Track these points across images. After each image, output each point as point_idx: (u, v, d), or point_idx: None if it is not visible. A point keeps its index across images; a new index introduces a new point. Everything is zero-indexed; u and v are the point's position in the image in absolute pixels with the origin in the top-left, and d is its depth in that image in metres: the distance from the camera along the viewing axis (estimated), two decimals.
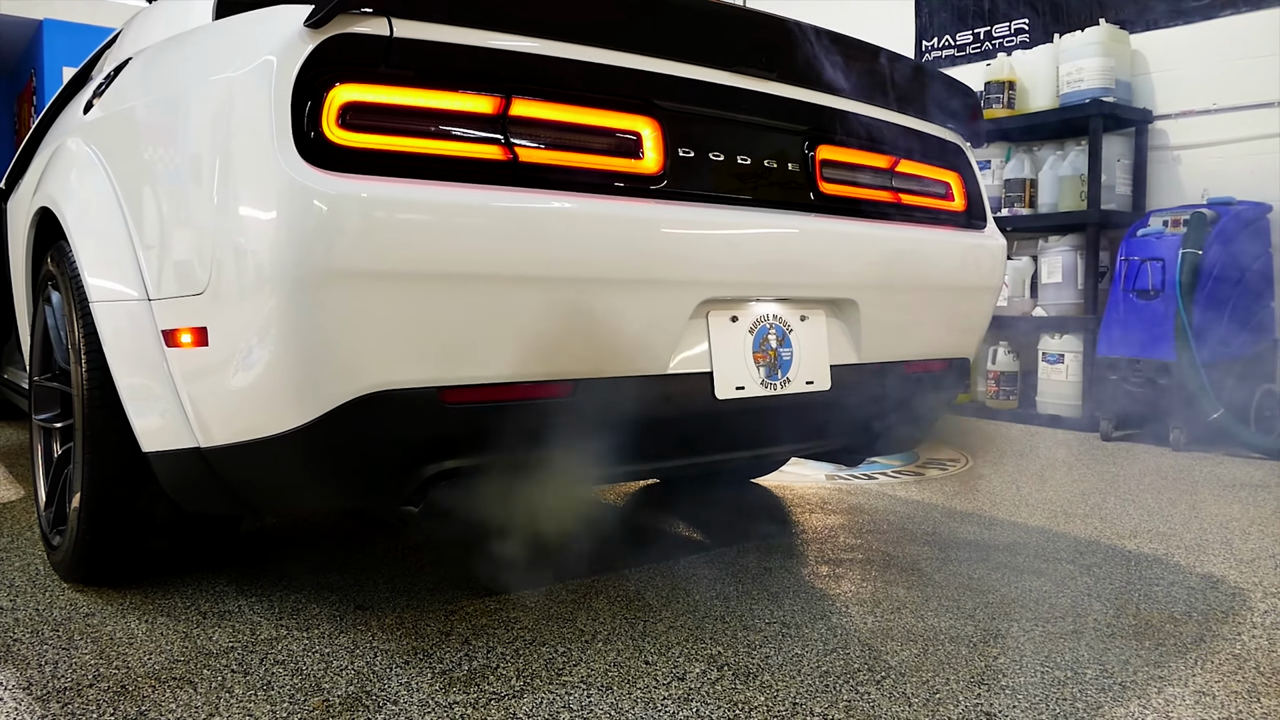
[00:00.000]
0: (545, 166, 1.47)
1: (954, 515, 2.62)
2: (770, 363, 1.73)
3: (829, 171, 1.88)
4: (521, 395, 1.46)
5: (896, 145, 2.03)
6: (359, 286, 1.30)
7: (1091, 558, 2.21)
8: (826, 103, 1.87)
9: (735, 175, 1.70)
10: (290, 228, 1.27)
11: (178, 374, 1.53)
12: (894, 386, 2.00)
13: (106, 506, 1.74)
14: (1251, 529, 2.50)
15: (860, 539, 2.34)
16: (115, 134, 1.73)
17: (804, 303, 1.80)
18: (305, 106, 1.31)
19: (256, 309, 1.33)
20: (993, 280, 2.19)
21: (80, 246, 1.72)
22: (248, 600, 1.83)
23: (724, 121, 1.71)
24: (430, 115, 1.39)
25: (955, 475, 3.21)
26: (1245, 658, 1.62)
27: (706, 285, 1.60)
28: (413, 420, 1.38)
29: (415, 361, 1.36)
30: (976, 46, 5.04)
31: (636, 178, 1.57)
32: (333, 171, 1.30)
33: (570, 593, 1.90)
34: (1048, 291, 4.37)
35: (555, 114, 1.50)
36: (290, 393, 1.36)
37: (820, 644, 1.65)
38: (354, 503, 1.53)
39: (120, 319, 1.62)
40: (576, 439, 1.55)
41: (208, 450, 1.52)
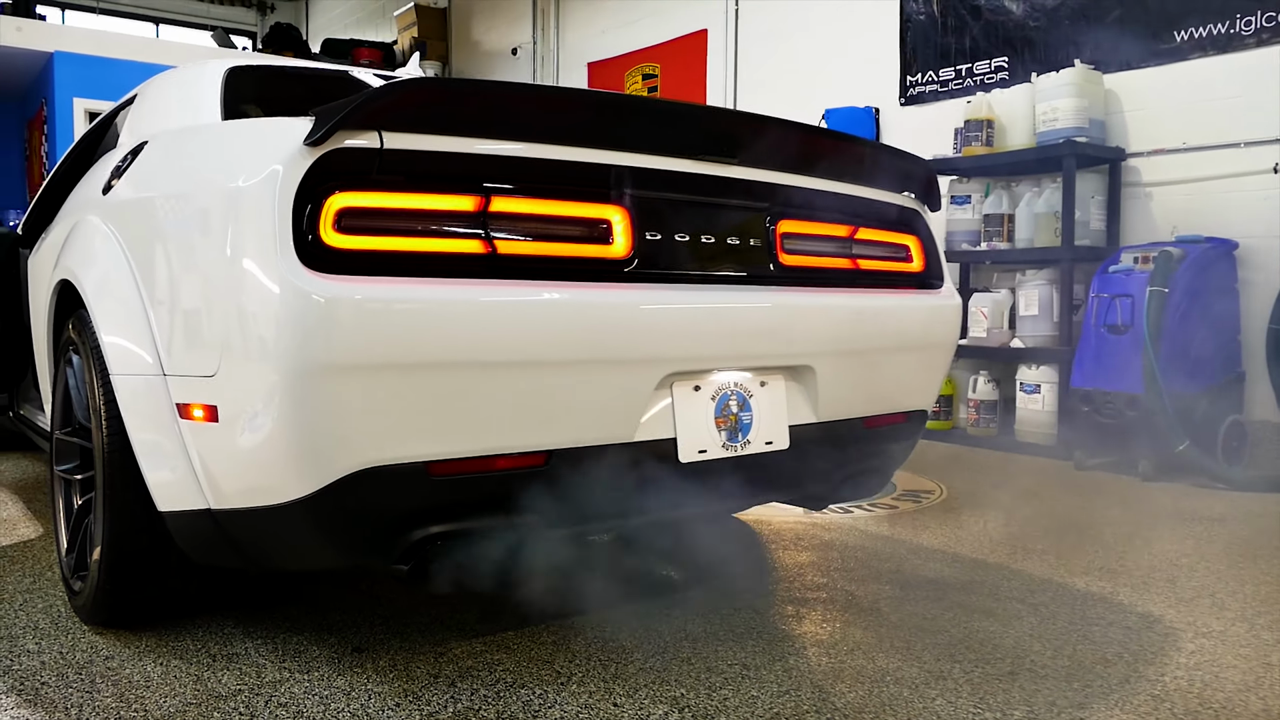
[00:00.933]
0: (522, 257, 1.63)
1: (919, 552, 2.77)
2: (731, 426, 1.89)
3: (790, 244, 2.03)
4: (501, 466, 1.62)
5: (854, 215, 2.19)
6: (353, 376, 1.46)
7: (1041, 596, 2.36)
8: (785, 181, 2.03)
9: (700, 252, 1.86)
10: (290, 326, 1.43)
11: (190, 443, 1.69)
12: (852, 441, 2.15)
13: (125, 558, 1.90)
14: (1199, 566, 2.65)
15: (827, 577, 2.50)
16: (133, 220, 1.90)
17: (764, 370, 1.96)
18: (304, 214, 1.47)
19: (262, 394, 1.49)
20: (948, 338, 2.35)
21: (100, 320, 1.88)
22: (253, 642, 1.99)
23: (688, 204, 1.87)
24: (417, 216, 1.55)
25: (928, 508, 3.37)
26: (1163, 698, 1.77)
27: (670, 360, 1.76)
28: (403, 491, 1.55)
29: (405, 439, 1.52)
30: (959, 83, 5.20)
31: (607, 262, 1.73)
32: (329, 274, 1.46)
33: (551, 634, 2.06)
34: (1025, 323, 4.52)
35: (531, 208, 1.66)
36: (293, 467, 1.52)
37: (775, 685, 1.80)
38: (350, 563, 1.69)
39: (138, 389, 1.78)
40: (551, 502, 1.71)
41: (218, 512, 1.69)
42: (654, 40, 7.12)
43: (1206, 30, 4.25)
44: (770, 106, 6.22)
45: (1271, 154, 4.09)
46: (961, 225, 4.84)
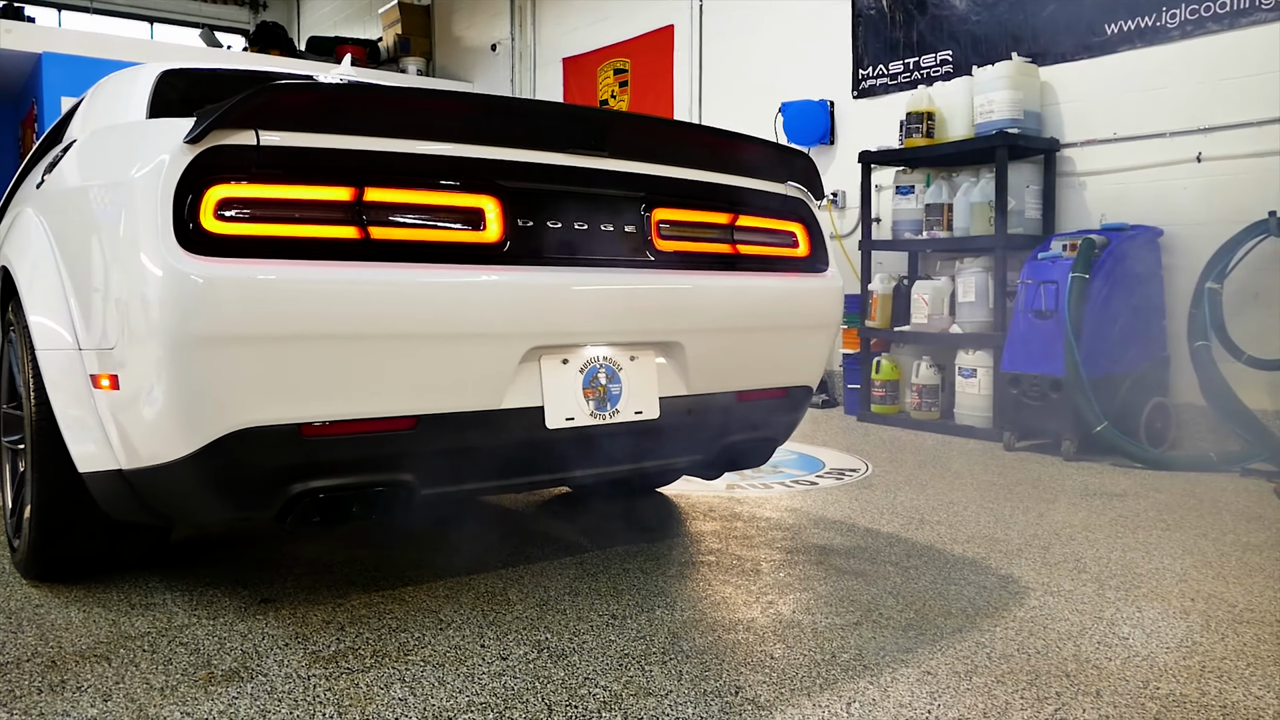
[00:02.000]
0: (393, 242, 1.81)
1: (820, 522, 2.95)
2: (600, 397, 2.07)
3: (666, 230, 2.21)
4: (371, 429, 1.81)
5: (734, 203, 2.36)
6: (227, 347, 1.65)
7: (915, 560, 2.54)
8: (659, 172, 2.20)
9: (573, 238, 2.04)
10: (170, 303, 1.62)
11: (102, 409, 1.88)
12: (727, 413, 2.33)
13: (52, 516, 2.10)
14: (1078, 536, 2.82)
15: (722, 544, 2.68)
16: (56, 209, 2.09)
17: (633, 345, 2.14)
18: (185, 203, 1.65)
19: (150, 364, 1.68)
20: (829, 318, 2.52)
21: (28, 301, 2.08)
22: (172, 594, 2.18)
23: (561, 194, 2.04)
24: (293, 205, 1.74)
25: (847, 485, 3.54)
26: (986, 645, 1.94)
27: (533, 335, 1.94)
28: (277, 450, 1.73)
29: (277, 403, 1.71)
30: (907, 76, 5.35)
31: (479, 247, 1.91)
32: (209, 256, 1.65)
33: (446, 589, 2.25)
34: (964, 310, 4.68)
35: (403, 198, 1.84)
36: (178, 428, 1.71)
37: (635, 632, 1.99)
38: (237, 516, 1.88)
39: (59, 363, 1.97)
40: (423, 463, 1.89)
41: (127, 472, 1.88)
42: (624, 36, 7.29)
43: (1134, 23, 4.39)
44: (733, 100, 6.39)
45: (1195, 143, 4.24)
46: (905, 215, 5.00)
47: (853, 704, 1.66)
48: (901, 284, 5.11)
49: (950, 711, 1.64)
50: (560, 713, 1.62)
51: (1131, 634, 2.01)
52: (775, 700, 1.67)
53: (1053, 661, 1.86)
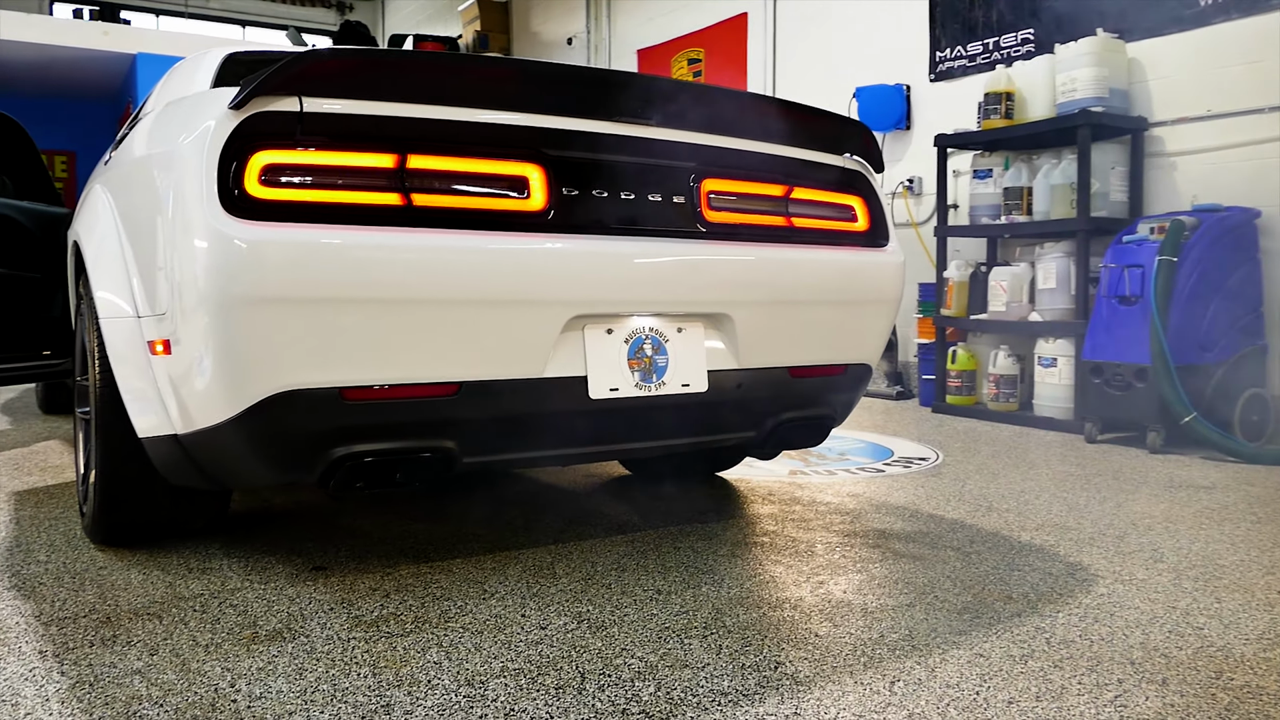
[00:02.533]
0: (436, 209, 1.81)
1: (882, 507, 2.87)
2: (645, 368, 2.04)
3: (716, 200, 2.17)
4: (412, 394, 1.81)
5: (788, 175, 2.30)
6: (270, 309, 1.67)
7: (979, 546, 2.44)
8: (710, 142, 2.16)
9: (619, 208, 2.01)
10: (214, 265, 1.65)
11: (159, 375, 1.93)
12: (779, 389, 2.27)
13: (115, 482, 2.16)
14: (1157, 527, 2.67)
15: (778, 526, 2.62)
16: (118, 182, 2.15)
17: (681, 317, 2.10)
18: (230, 169, 1.68)
19: (197, 327, 1.72)
20: (888, 293, 2.44)
21: (94, 274, 2.14)
22: (229, 560, 2.23)
23: (609, 163, 2.02)
24: (336, 171, 1.75)
25: (915, 473, 3.44)
26: (1044, 630, 1.85)
27: (576, 303, 1.92)
28: (318, 413, 1.75)
29: (319, 367, 1.73)
30: (986, 57, 5.18)
31: (522, 215, 1.90)
32: (253, 220, 1.67)
33: (495, 562, 2.25)
34: (1044, 297, 4.51)
35: (446, 165, 1.84)
36: (223, 391, 1.74)
37: (678, 607, 1.95)
38: (282, 479, 1.90)
39: (121, 332, 2.03)
40: (464, 430, 1.89)
41: (182, 436, 1.92)
42: (698, 25, 7.24)
43: None
44: (807, 87, 6.29)
45: None
46: (983, 199, 4.84)
47: (896, 683, 1.59)
48: (979, 271, 4.95)
49: (1000, 694, 1.56)
50: (593, 680, 1.59)
51: (1207, 624, 1.89)
52: (815, 676, 1.62)
53: (1117, 649, 1.76)
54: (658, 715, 1.47)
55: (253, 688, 1.55)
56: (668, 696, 1.54)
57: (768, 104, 2.25)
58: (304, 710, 1.47)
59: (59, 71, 7.76)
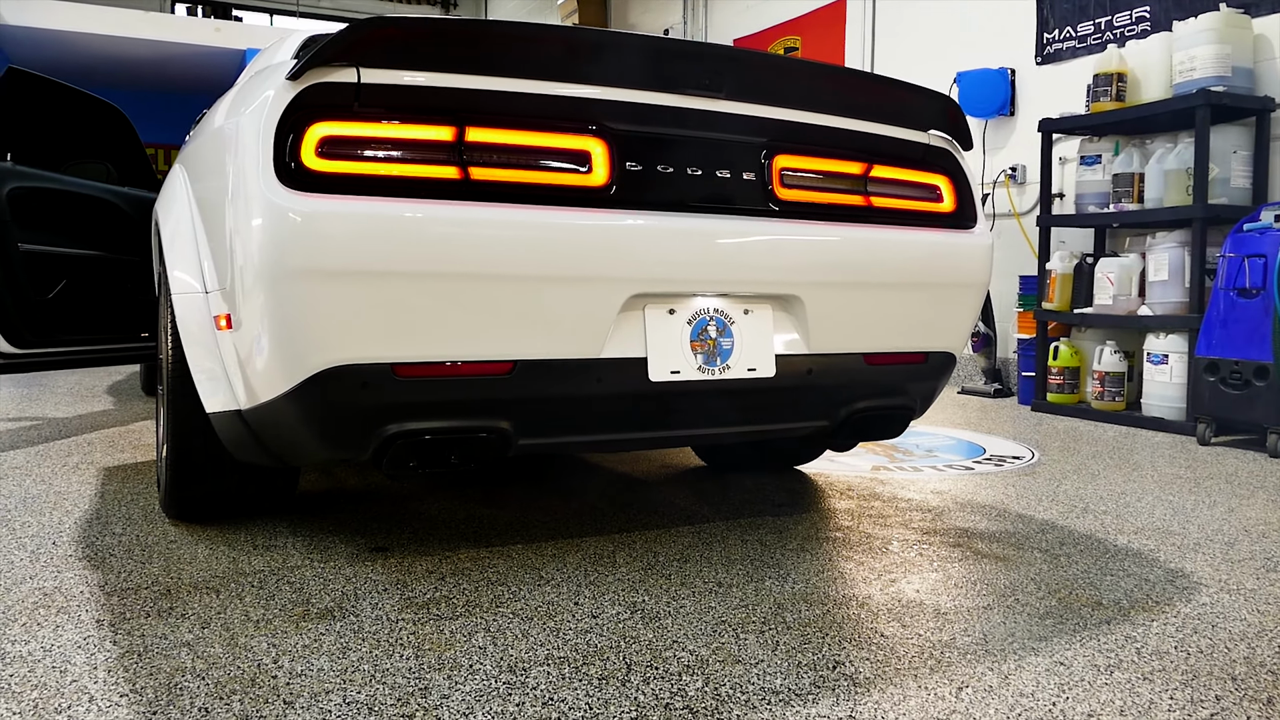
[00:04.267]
0: (494, 183, 1.77)
1: (967, 506, 2.71)
2: (709, 351, 1.96)
3: (789, 178, 2.07)
4: (466, 372, 1.77)
5: (866, 151, 2.18)
6: (325, 282, 1.65)
7: (1069, 548, 2.28)
8: (783, 116, 2.06)
9: (685, 184, 1.93)
10: (269, 238, 1.64)
11: (224, 349, 1.94)
12: (853, 376, 2.16)
13: (185, 458, 2.19)
14: (1273, 533, 2.46)
15: (854, 521, 2.50)
16: (193, 159, 2.18)
17: (748, 298, 2.01)
18: (288, 141, 1.67)
19: (254, 301, 1.71)
20: (974, 277, 2.30)
21: (168, 250, 2.18)
22: (294, 539, 2.24)
23: (674, 138, 1.94)
24: (393, 144, 1.72)
25: (1007, 471, 3.26)
26: (1135, 639, 1.70)
27: (636, 281, 1.85)
28: (371, 390, 1.72)
29: (372, 342, 1.70)
30: (1098, 37, 4.90)
31: (583, 190, 1.84)
32: (309, 192, 1.65)
33: (555, 549, 2.20)
34: (1154, 289, 4.23)
35: (505, 138, 1.79)
36: (279, 364, 1.73)
37: (737, 600, 1.86)
38: (335, 455, 1.89)
39: (190, 307, 2.05)
40: (519, 410, 1.85)
41: (245, 412, 1.93)
42: (794, 13, 7.08)
43: None
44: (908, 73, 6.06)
45: None
46: (1090, 187, 4.58)
47: (964, 689, 1.48)
48: (1084, 262, 4.68)
49: (1080, 706, 1.43)
50: (639, 672, 1.52)
51: None
52: (875, 678, 1.51)
53: (1217, 663, 1.60)
54: (703, 711, 1.39)
55: (295, 664, 1.53)
56: (715, 693, 1.46)
57: (845, 76, 2.13)
58: (341, 689, 1.45)
59: (175, 67, 8.09)
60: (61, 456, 3.22)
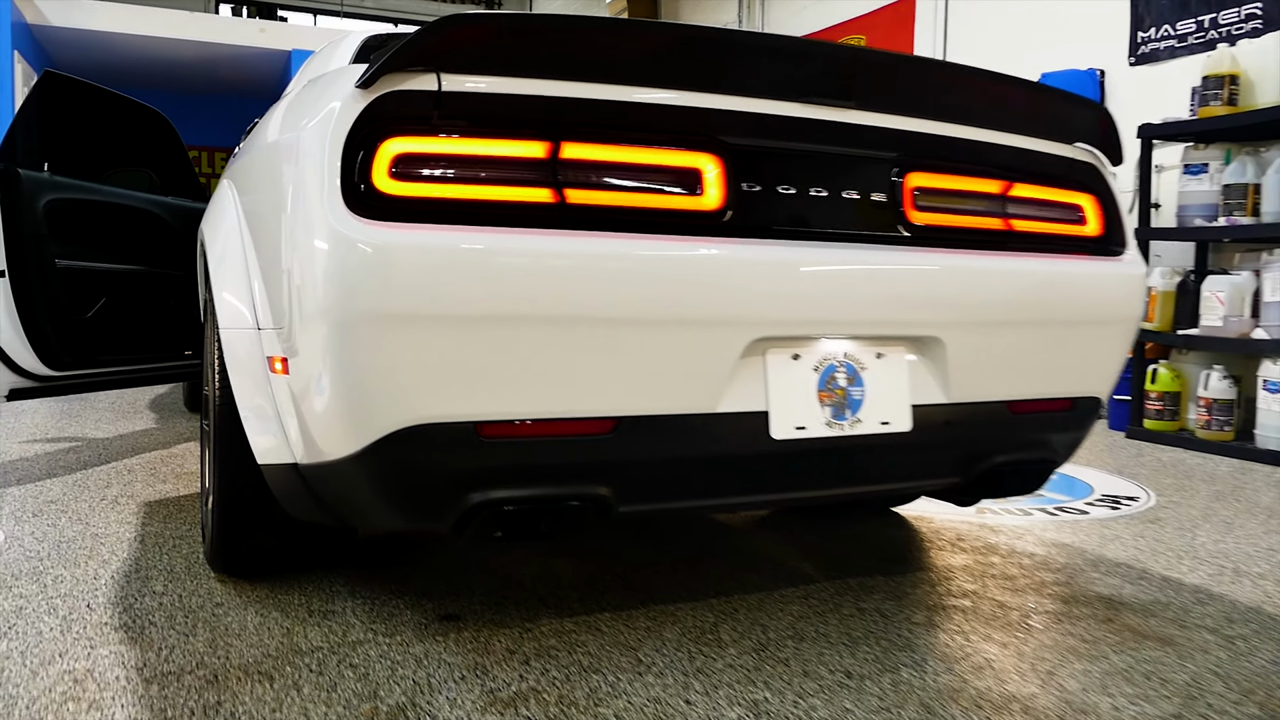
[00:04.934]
0: (594, 208, 1.51)
1: (1099, 564, 2.41)
2: (838, 402, 1.68)
3: (922, 199, 1.79)
4: (561, 431, 1.51)
5: (1008, 168, 1.90)
6: (399, 327, 1.39)
7: (1242, 628, 1.97)
8: (917, 128, 1.78)
9: (808, 208, 1.66)
10: (334, 273, 1.39)
11: (279, 396, 1.69)
12: (994, 427, 1.87)
13: (232, 509, 1.95)
14: None
15: (978, 584, 2.21)
16: (244, 174, 1.94)
17: (880, 339, 1.73)
18: (356, 160, 1.41)
19: (316, 345, 1.46)
20: (1128, 311, 2.00)
21: (215, 275, 1.94)
22: (353, 601, 1.99)
23: (796, 153, 1.67)
24: (479, 162, 1.46)
25: (1126, 517, 2.94)
26: None
27: (758, 324, 1.58)
28: (452, 452, 1.47)
29: (453, 397, 1.44)
30: (1200, 36, 4.55)
31: (693, 215, 1.57)
32: (381, 221, 1.40)
33: (649, 618, 1.93)
34: (1271, 310, 3.88)
35: (606, 155, 1.53)
36: (344, 421, 1.48)
37: (876, 700, 1.58)
38: (411, 525, 1.64)
39: (240, 344, 1.81)
40: (620, 475, 1.58)
41: (303, 467, 1.68)
42: (858, 11, 6.77)
43: None
44: None
45: None
46: (1195, 198, 4.23)
47: None
48: (1187, 280, 4.33)
49: None
50: None
51: None
52: None
53: None
54: None
55: None
56: None
57: (988, 80, 1.84)
58: None
59: (221, 69, 7.95)
60: (100, 488, 3.01)
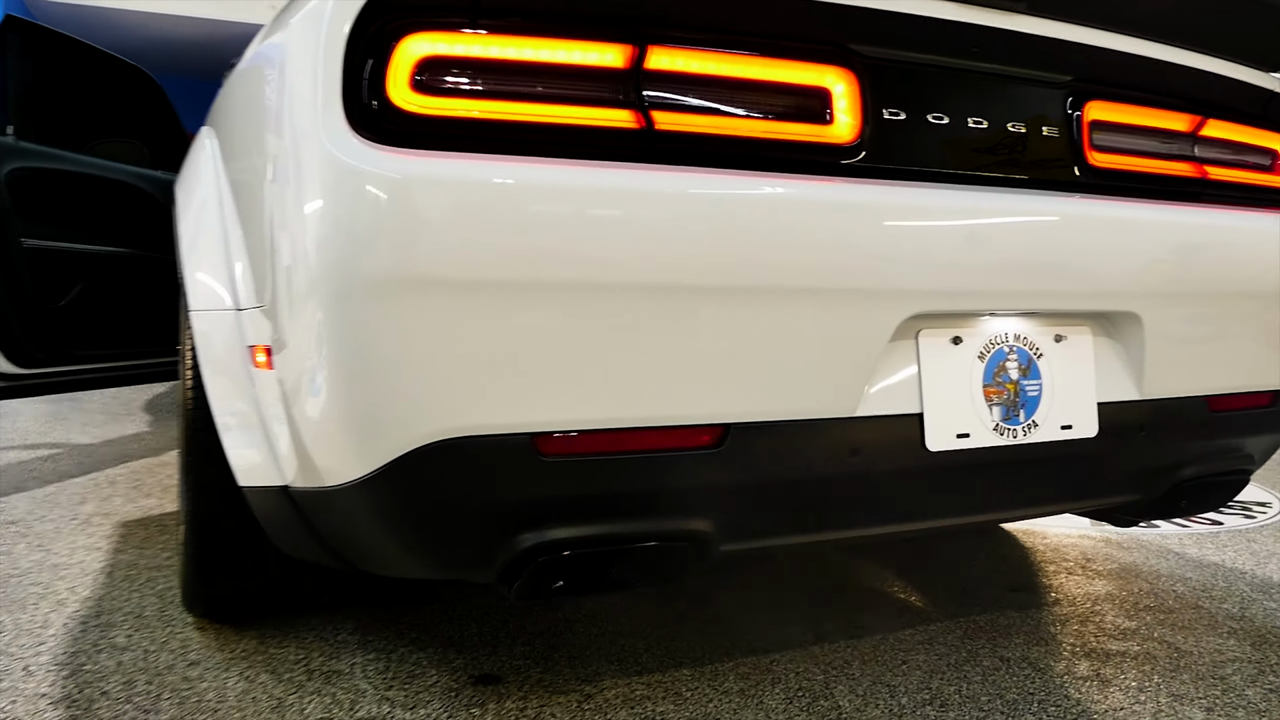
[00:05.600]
0: (690, 136, 1.09)
1: (1267, 589, 1.98)
2: (1009, 401, 1.26)
3: (1102, 137, 1.36)
4: (650, 445, 1.09)
5: (1200, 99, 1.47)
6: (430, 299, 0.98)
7: None
8: (1100, 41, 1.36)
9: (963, 144, 1.24)
10: (338, 223, 0.97)
11: (262, 397, 1.28)
12: (1194, 430, 1.45)
13: (210, 541, 1.54)
14: None
15: (1136, 620, 1.79)
16: (222, 114, 1.52)
17: (1060, 316, 1.31)
18: (366, 66, 1.00)
19: (306, 326, 1.04)
20: None
21: (185, 244, 1.52)
22: (363, 656, 1.58)
23: (949, 72, 1.25)
24: (537, 71, 1.04)
25: (1266, 526, 2.51)
26: None
27: (915, 295, 1.16)
28: (499, 476, 1.05)
29: (503, 399, 1.02)
30: None
31: (819, 149, 1.15)
32: (401, 148, 0.98)
33: (741, 678, 1.51)
34: None
35: (704, 67, 1.11)
36: (349, 436, 1.06)
37: None
38: (440, 574, 1.22)
39: (213, 329, 1.39)
40: (727, 503, 1.16)
41: (294, 491, 1.27)
42: None
43: None
44: None
45: None
46: None
47: None
48: None
49: None
50: None
51: None
52: None
53: None
54: None
55: None
56: None
57: None
58: None
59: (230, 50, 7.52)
60: (73, 504, 2.60)
